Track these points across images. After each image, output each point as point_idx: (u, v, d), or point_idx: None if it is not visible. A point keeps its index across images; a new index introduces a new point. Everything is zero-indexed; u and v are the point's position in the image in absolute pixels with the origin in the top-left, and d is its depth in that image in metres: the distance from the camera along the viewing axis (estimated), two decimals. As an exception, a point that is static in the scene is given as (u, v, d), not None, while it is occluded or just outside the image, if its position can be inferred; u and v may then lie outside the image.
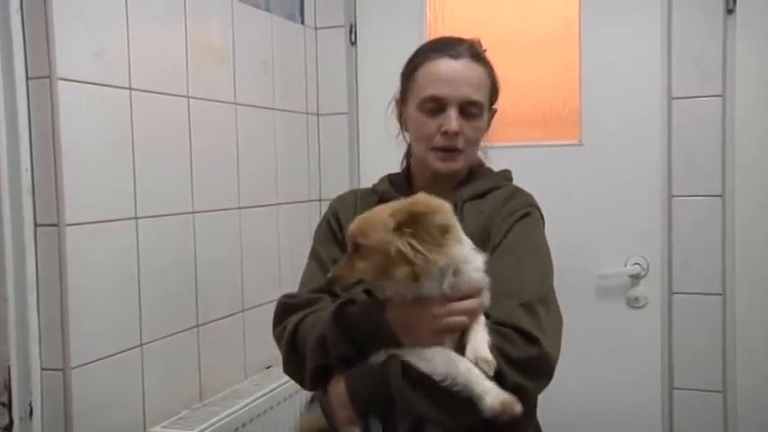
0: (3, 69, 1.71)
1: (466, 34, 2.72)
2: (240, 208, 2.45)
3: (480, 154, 1.69)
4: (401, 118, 1.67)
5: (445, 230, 1.30)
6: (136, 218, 1.98)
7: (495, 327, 1.35)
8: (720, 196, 2.49)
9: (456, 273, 1.34)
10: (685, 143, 2.52)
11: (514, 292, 1.39)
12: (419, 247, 1.28)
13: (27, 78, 1.73)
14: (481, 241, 1.44)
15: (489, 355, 1.29)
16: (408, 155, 1.71)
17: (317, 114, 2.93)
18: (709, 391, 2.53)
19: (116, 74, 1.91)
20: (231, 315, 2.40)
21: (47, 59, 1.72)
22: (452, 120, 1.52)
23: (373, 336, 1.39)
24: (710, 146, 2.49)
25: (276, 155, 2.67)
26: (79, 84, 1.79)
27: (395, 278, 1.30)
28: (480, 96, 1.56)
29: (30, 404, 1.76)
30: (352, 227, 1.36)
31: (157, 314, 2.06)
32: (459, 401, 1.29)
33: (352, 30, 2.90)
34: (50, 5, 1.72)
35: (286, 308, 1.56)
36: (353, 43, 2.90)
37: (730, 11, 2.44)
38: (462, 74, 1.55)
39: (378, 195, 1.63)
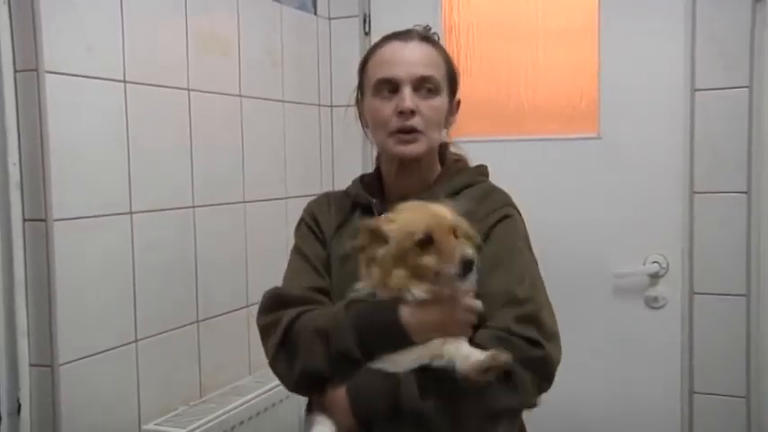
0: (-9, 62, 1.69)
1: (482, 24, 2.71)
2: (245, 202, 2.41)
3: (455, 149, 1.66)
4: (362, 116, 1.64)
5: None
6: (131, 213, 1.95)
7: (499, 335, 1.33)
8: (746, 193, 2.37)
9: None
10: (709, 137, 2.40)
11: (510, 302, 1.37)
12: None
13: (15, 71, 1.71)
14: None
15: (481, 355, 1.27)
16: (379, 156, 1.67)
17: (331, 106, 2.88)
18: (731, 396, 2.42)
19: (109, 66, 1.88)
20: (235, 311, 2.37)
21: (34, 52, 1.70)
22: (406, 98, 1.48)
23: (383, 331, 1.34)
24: (736, 140, 2.37)
25: (285, 148, 2.62)
26: (68, 77, 1.76)
27: None
28: (434, 72, 1.51)
29: (18, 400, 1.74)
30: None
31: (154, 310, 2.04)
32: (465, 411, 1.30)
33: (366, 19, 2.84)
34: (38, -4, 1.69)
35: (280, 299, 1.49)
36: (367, 33, 2.83)
37: (759, -2, 2.32)
38: (412, 53, 1.52)
39: (351, 198, 1.62)
